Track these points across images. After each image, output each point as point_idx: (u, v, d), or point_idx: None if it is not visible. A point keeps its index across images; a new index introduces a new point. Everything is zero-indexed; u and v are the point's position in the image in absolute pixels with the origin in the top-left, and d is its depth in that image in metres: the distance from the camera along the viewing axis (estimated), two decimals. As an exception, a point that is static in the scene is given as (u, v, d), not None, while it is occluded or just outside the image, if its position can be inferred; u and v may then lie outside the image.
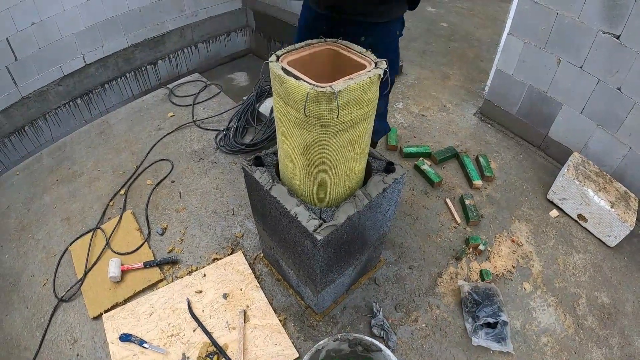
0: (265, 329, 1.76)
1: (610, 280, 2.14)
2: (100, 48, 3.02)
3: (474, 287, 1.94)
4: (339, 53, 1.23)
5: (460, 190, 2.49)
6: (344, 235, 1.38)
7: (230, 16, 3.87)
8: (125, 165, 2.52)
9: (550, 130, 2.63)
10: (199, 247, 2.11)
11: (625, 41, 2.04)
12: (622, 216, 2.12)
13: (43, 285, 1.95)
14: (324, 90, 1.01)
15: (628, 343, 1.92)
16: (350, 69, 1.14)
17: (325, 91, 1.01)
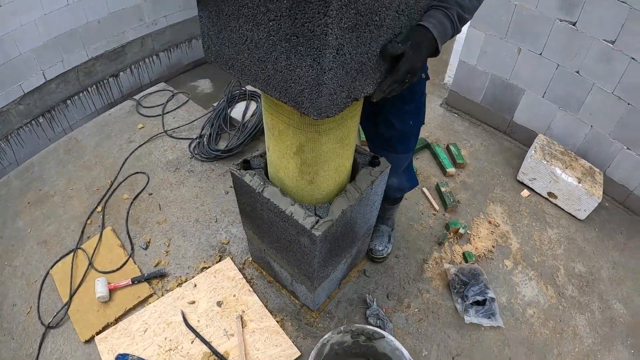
0: (264, 331, 1.77)
1: (584, 250, 2.28)
2: (60, 63, 2.90)
3: (460, 269, 2.02)
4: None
5: (435, 179, 2.57)
6: (339, 229, 1.41)
7: (190, 23, 3.81)
8: (98, 181, 2.45)
9: (515, 115, 2.76)
10: (186, 257, 2.08)
11: (581, 27, 2.18)
12: (589, 190, 2.26)
13: (27, 314, 1.87)
14: None
15: (607, 307, 2.06)
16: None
17: None
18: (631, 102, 2.20)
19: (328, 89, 0.90)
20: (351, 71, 0.94)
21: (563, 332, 1.95)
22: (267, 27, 0.92)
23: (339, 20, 0.81)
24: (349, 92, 0.98)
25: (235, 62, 1.08)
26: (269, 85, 1.03)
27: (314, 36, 0.84)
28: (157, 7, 3.40)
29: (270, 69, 0.99)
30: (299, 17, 0.84)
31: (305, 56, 0.88)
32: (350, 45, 0.88)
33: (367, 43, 0.93)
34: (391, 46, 0.96)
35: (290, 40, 0.89)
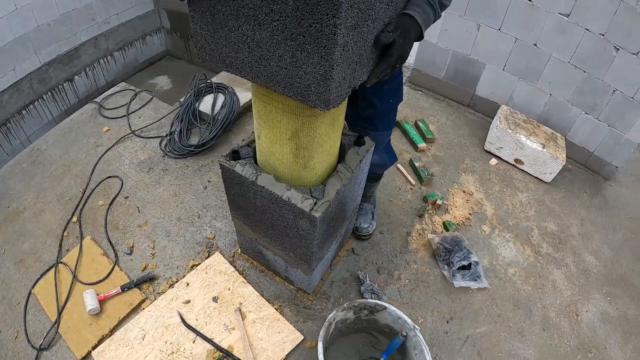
0: (264, 320, 1.78)
1: (553, 210, 2.43)
2: (12, 72, 2.74)
3: (443, 238, 2.11)
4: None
5: (407, 155, 2.65)
6: (334, 210, 1.44)
7: (143, 19, 3.69)
8: (69, 191, 2.35)
9: (477, 88, 2.88)
10: (173, 257, 2.05)
11: (537, 2, 2.31)
12: (553, 154, 2.41)
13: (15, 339, 1.77)
14: None
15: (581, 260, 2.22)
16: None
17: None
18: (587, 70, 2.36)
19: (335, 82, 0.94)
20: (352, 64, 0.99)
21: (543, 286, 2.09)
22: (271, 26, 0.93)
23: (346, 20, 0.84)
24: (350, 82, 1.03)
25: (234, 61, 1.08)
26: (272, 81, 1.04)
27: (322, 35, 0.86)
28: (108, 6, 3.28)
29: (274, 66, 1.00)
30: (306, 18, 0.86)
31: (313, 54, 0.90)
32: (353, 40, 0.92)
33: (364, 36, 0.98)
34: (384, 36, 1.04)
35: (296, 39, 0.91)
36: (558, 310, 2.01)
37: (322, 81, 0.94)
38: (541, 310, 2.00)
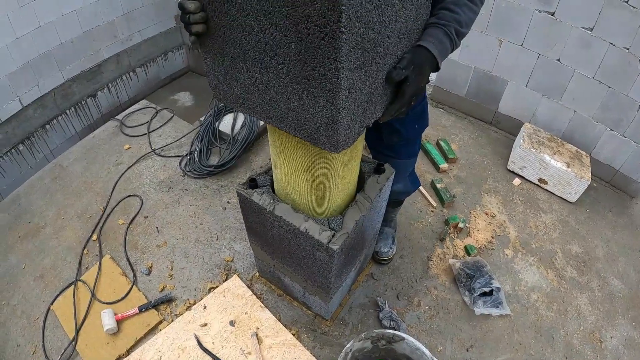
0: (281, 346, 1.76)
1: (578, 232, 2.35)
2: (36, 87, 2.80)
3: (464, 263, 2.06)
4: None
5: (429, 176, 2.61)
6: (352, 240, 1.41)
7: (165, 36, 3.74)
8: (90, 208, 2.38)
9: (500, 105, 2.82)
10: (191, 279, 2.05)
11: (560, 17, 2.24)
12: (578, 174, 2.33)
13: (33, 354, 1.80)
14: None
15: (606, 284, 2.14)
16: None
17: None
18: (612, 85, 2.28)
19: (343, 125, 0.92)
20: (362, 103, 0.96)
21: (567, 312, 2.02)
22: (277, 69, 0.93)
23: (349, 62, 0.82)
24: (361, 122, 1.01)
25: (246, 101, 1.08)
26: (282, 122, 1.04)
27: (325, 79, 0.85)
28: (130, 23, 3.33)
29: (283, 107, 1.00)
30: (309, 61, 0.85)
31: (318, 97, 0.90)
32: (360, 81, 0.90)
33: (374, 74, 0.95)
34: (395, 73, 0.98)
35: (301, 82, 0.90)
36: (581, 337, 1.94)
37: (329, 124, 0.93)
38: (564, 338, 1.93)
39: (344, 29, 0.76)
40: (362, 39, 0.83)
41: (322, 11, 0.76)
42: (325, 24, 0.77)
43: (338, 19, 0.74)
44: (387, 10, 0.88)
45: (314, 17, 0.78)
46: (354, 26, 0.78)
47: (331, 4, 0.73)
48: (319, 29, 0.79)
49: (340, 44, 0.78)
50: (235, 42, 0.97)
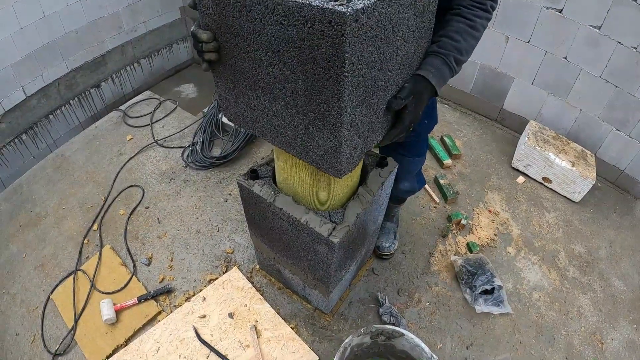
0: (280, 339, 1.75)
1: (581, 232, 2.33)
2: (39, 77, 2.80)
3: (466, 260, 2.04)
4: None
5: (432, 172, 2.59)
6: (353, 234, 1.40)
7: (170, 28, 3.73)
8: (92, 198, 2.38)
9: (505, 103, 2.80)
10: (191, 270, 2.04)
11: (567, 14, 2.22)
12: (583, 173, 2.31)
13: (32, 343, 1.80)
14: None
15: (608, 285, 2.12)
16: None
17: None
18: (618, 85, 2.26)
19: (345, 154, 0.99)
20: (364, 133, 1.02)
21: (568, 312, 2.00)
22: (285, 101, 0.98)
23: (351, 100, 0.87)
24: (362, 149, 1.07)
25: (255, 124, 1.14)
26: (290, 147, 1.10)
27: (329, 115, 0.91)
28: (135, 14, 3.32)
29: (290, 134, 1.06)
30: (315, 97, 0.90)
31: (323, 129, 0.96)
32: (362, 114, 0.96)
33: (375, 106, 1.00)
34: (396, 103, 1.03)
35: (307, 114, 0.96)
36: (582, 337, 1.92)
37: (333, 153, 0.99)
38: (565, 338, 1.91)
39: (347, 74, 0.81)
40: (364, 78, 0.88)
41: (327, 56, 0.80)
42: (330, 67, 0.82)
43: (342, 65, 0.79)
44: (389, 48, 0.92)
45: (319, 60, 0.83)
46: (356, 69, 0.83)
47: (335, 50, 0.78)
48: (324, 71, 0.84)
49: (343, 86, 0.83)
50: (245, 71, 1.01)
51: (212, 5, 0.94)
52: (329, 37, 0.78)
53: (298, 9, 0.79)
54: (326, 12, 0.74)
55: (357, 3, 0.75)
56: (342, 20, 0.73)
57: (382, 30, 0.86)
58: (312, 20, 0.78)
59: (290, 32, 0.83)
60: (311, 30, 0.80)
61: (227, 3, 0.90)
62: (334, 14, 0.74)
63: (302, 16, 0.79)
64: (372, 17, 0.79)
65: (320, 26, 0.78)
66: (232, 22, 0.93)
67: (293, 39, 0.84)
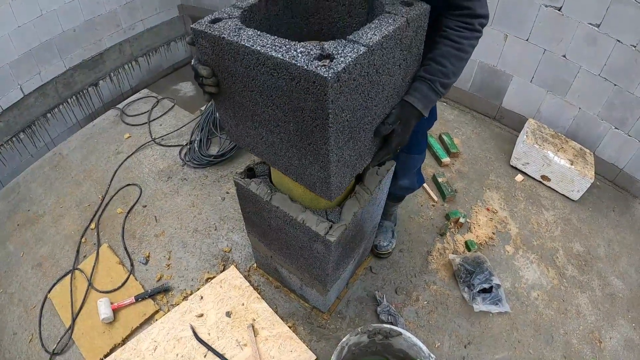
0: (277, 338, 1.75)
1: (580, 230, 2.32)
2: (37, 76, 2.80)
3: (464, 258, 2.04)
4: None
5: (431, 170, 2.58)
6: (350, 232, 1.39)
7: (167, 26, 3.73)
8: (89, 197, 2.38)
9: (504, 101, 2.79)
10: (189, 269, 2.04)
11: (566, 12, 2.21)
12: (582, 171, 2.30)
13: (29, 342, 1.80)
14: None
15: (606, 284, 2.11)
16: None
17: None
18: (617, 83, 2.25)
19: (335, 183, 1.06)
20: (352, 162, 1.09)
21: (567, 311, 1.99)
22: (280, 135, 1.05)
23: (337, 142, 0.94)
24: (351, 174, 1.14)
25: (255, 148, 1.22)
26: (286, 170, 1.18)
27: (318, 153, 0.98)
28: (133, 12, 3.31)
29: (286, 161, 1.13)
30: (304, 138, 0.97)
31: (314, 163, 1.03)
32: (349, 149, 1.03)
33: (362, 139, 1.07)
34: (384, 129, 1.09)
35: (299, 150, 1.03)
36: (581, 336, 1.91)
37: (324, 182, 1.07)
38: (563, 337, 1.90)
39: (331, 124, 0.87)
40: (349, 122, 0.94)
41: (313, 108, 0.87)
42: (316, 117, 0.88)
43: (326, 117, 0.86)
44: (374, 88, 0.98)
45: (306, 110, 0.89)
46: (340, 118, 0.90)
47: (320, 105, 0.84)
48: (311, 120, 0.90)
49: (329, 134, 0.89)
50: (244, 106, 1.07)
51: (209, 47, 0.98)
52: (313, 94, 0.83)
53: (285, 67, 0.84)
54: (309, 73, 0.80)
55: (339, 63, 0.80)
56: (324, 82, 0.78)
57: (366, 77, 0.91)
58: (298, 78, 0.83)
59: (280, 83, 0.89)
60: (298, 85, 0.85)
61: (222, 48, 0.95)
62: (316, 77, 0.79)
63: (289, 73, 0.85)
64: (355, 71, 0.85)
65: (305, 84, 0.83)
66: (228, 64, 0.98)
67: (283, 89, 0.90)
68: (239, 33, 0.92)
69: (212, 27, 0.96)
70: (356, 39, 0.88)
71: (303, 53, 0.83)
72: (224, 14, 1.01)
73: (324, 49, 0.84)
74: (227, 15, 1.01)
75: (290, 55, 0.83)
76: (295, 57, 0.82)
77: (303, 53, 0.83)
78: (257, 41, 0.89)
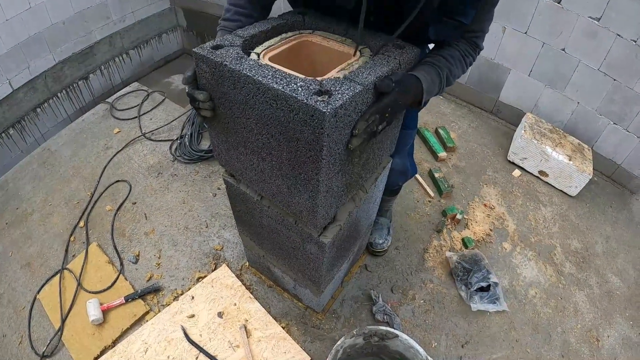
0: (270, 339, 1.71)
1: (578, 226, 2.30)
2: (26, 70, 2.72)
3: (461, 256, 2.00)
4: (318, 44, 1.18)
5: (427, 165, 2.54)
6: (345, 232, 1.35)
7: (159, 17, 3.64)
8: (78, 194, 2.32)
9: (501, 94, 2.75)
10: (179, 268, 1.99)
11: (566, 5, 2.16)
12: (580, 167, 2.27)
13: (19, 344, 1.75)
14: None
15: (604, 281, 2.09)
16: (335, 59, 1.10)
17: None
18: (617, 78, 2.21)
19: (321, 213, 1.08)
20: (339, 193, 1.13)
21: (565, 309, 1.97)
22: (271, 163, 1.08)
23: (328, 173, 0.98)
24: (337, 205, 1.17)
25: (244, 176, 1.24)
26: (274, 199, 1.20)
27: (308, 183, 1.01)
28: (123, 4, 3.24)
29: (275, 190, 1.15)
30: (296, 167, 1.00)
31: (303, 192, 1.05)
32: (338, 180, 1.06)
33: (350, 172, 1.11)
34: (385, 84, 0.97)
35: (289, 178, 1.05)
36: (578, 335, 1.89)
37: (310, 212, 1.09)
38: (561, 335, 1.88)
39: (324, 156, 0.91)
40: (340, 155, 0.98)
41: (309, 140, 0.90)
42: (310, 148, 0.91)
43: (320, 149, 0.89)
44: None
45: (301, 141, 0.92)
46: (333, 151, 0.93)
47: (315, 137, 0.88)
48: (305, 150, 0.93)
49: (321, 165, 0.93)
50: (237, 132, 1.09)
51: (209, 71, 1.00)
52: (310, 126, 0.87)
53: (286, 99, 0.87)
54: (309, 107, 0.84)
55: (336, 99, 0.85)
56: (322, 117, 0.82)
57: (359, 111, 0.95)
58: (297, 110, 0.87)
59: (279, 114, 0.92)
60: (296, 117, 0.89)
61: (222, 74, 0.97)
62: (315, 111, 0.83)
63: (289, 104, 0.88)
64: (350, 107, 0.90)
65: (304, 116, 0.87)
66: (226, 91, 1.00)
67: (280, 119, 0.93)
68: (240, 62, 0.95)
69: (214, 53, 0.99)
70: (353, 77, 0.94)
71: (303, 87, 0.88)
72: (226, 41, 1.04)
73: (323, 85, 0.89)
74: (229, 43, 1.04)
75: (291, 88, 0.87)
76: (295, 91, 0.86)
77: (303, 87, 0.88)
78: (259, 72, 0.92)
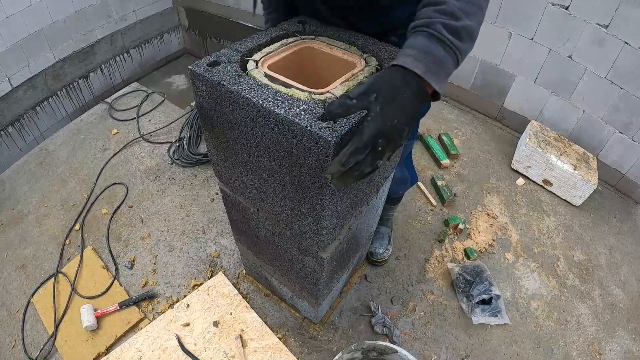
0: (266, 350, 1.68)
1: (581, 237, 2.26)
2: (26, 68, 2.69)
3: (463, 267, 1.97)
4: (321, 51, 1.13)
5: (430, 172, 2.50)
6: (345, 246, 1.32)
7: (161, 17, 3.61)
8: (74, 196, 2.29)
9: (506, 101, 2.71)
10: (175, 275, 1.96)
11: (574, 11, 2.12)
12: (585, 177, 2.23)
13: (12, 348, 1.72)
14: (322, 97, 0.90)
15: (607, 293, 2.05)
16: (338, 68, 1.06)
17: (323, 99, 0.89)
18: (624, 87, 2.17)
19: (326, 235, 1.04)
20: (344, 213, 1.09)
21: (567, 322, 1.93)
22: (273, 185, 1.03)
23: (333, 197, 0.93)
24: (342, 225, 1.14)
25: (245, 194, 1.20)
26: (276, 219, 1.16)
27: (313, 207, 0.96)
28: (125, 2, 3.21)
29: (277, 210, 1.11)
30: (300, 191, 0.96)
31: (307, 215, 1.01)
32: (343, 202, 1.02)
33: (355, 192, 1.06)
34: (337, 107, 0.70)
35: (293, 200, 1.01)
36: (580, 349, 1.85)
37: (315, 233, 1.05)
38: (563, 349, 1.84)
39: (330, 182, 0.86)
40: None
41: (313, 166, 0.85)
42: (315, 174, 0.87)
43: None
44: None
45: (305, 166, 0.88)
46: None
47: (320, 164, 0.83)
48: (309, 177, 0.89)
49: (326, 190, 0.88)
50: (237, 152, 1.05)
51: (206, 90, 0.95)
52: (314, 154, 0.82)
53: (288, 124, 0.83)
54: (313, 134, 0.79)
55: (342, 125, 0.79)
56: (328, 145, 0.78)
57: None
58: (300, 136, 0.82)
59: (281, 139, 0.87)
60: (299, 143, 0.84)
61: (220, 94, 0.92)
62: (320, 138, 0.78)
63: (291, 130, 0.83)
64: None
65: (307, 142, 0.82)
66: (225, 111, 0.95)
67: (282, 144, 0.88)
68: (239, 81, 0.90)
69: (211, 71, 0.93)
70: None
71: (306, 111, 0.83)
72: (223, 56, 0.98)
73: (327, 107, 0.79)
74: (227, 59, 0.98)
75: (293, 112, 0.82)
76: (298, 116, 0.81)
77: (306, 111, 0.83)
78: (259, 93, 0.87)
